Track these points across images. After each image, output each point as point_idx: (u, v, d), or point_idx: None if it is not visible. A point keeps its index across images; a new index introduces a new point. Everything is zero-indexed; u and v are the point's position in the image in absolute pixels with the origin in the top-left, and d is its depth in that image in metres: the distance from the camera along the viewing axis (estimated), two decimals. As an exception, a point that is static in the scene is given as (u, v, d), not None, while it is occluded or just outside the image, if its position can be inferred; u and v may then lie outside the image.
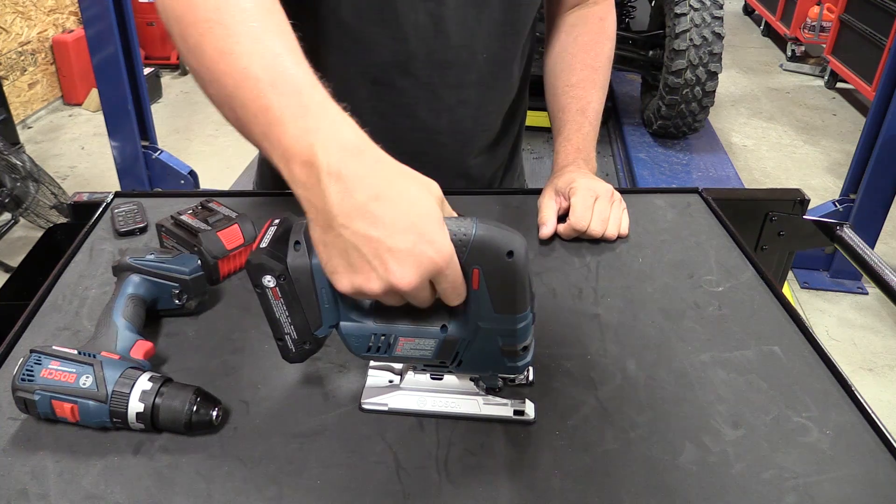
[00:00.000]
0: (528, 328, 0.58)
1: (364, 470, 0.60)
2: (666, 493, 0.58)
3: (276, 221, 0.60)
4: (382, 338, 0.60)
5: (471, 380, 0.66)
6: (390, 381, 0.67)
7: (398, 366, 0.68)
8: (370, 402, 0.66)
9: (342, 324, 0.60)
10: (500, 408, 0.65)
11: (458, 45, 0.91)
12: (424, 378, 0.67)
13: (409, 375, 0.67)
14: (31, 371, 0.61)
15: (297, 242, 0.57)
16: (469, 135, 1.00)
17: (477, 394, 0.66)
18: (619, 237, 0.93)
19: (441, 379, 0.67)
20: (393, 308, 0.59)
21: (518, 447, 0.63)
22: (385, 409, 0.65)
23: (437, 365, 0.62)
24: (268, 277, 0.57)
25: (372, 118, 0.98)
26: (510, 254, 0.53)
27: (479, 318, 0.57)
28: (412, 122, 0.97)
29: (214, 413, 0.62)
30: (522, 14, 0.94)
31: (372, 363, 0.69)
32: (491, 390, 0.66)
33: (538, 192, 1.05)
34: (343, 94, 0.98)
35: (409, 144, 0.99)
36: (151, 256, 0.75)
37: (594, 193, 0.91)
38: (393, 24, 0.89)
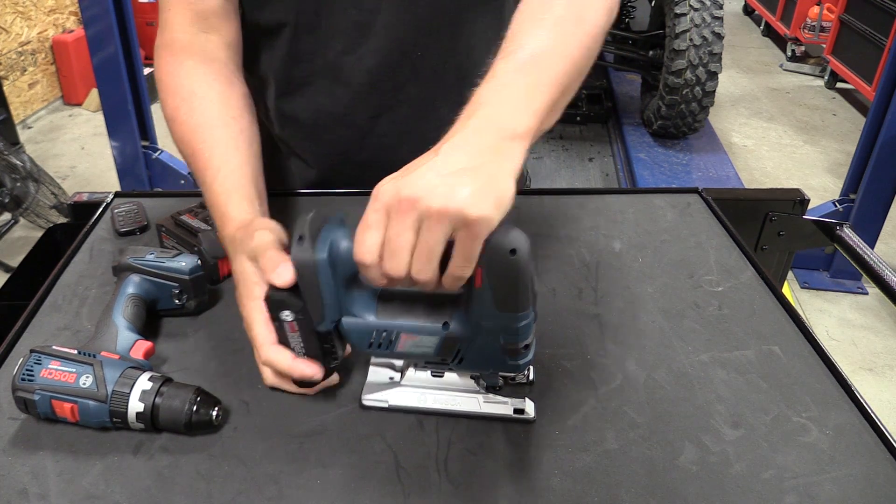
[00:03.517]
0: (530, 327, 0.58)
1: (364, 470, 0.60)
2: (666, 493, 0.58)
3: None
4: (384, 334, 0.60)
5: (471, 378, 0.66)
6: (391, 378, 0.67)
7: (399, 363, 0.68)
8: (370, 399, 0.66)
9: (344, 319, 0.60)
10: (501, 406, 0.65)
11: (386, 48, 0.91)
12: (425, 375, 0.67)
13: (410, 372, 0.67)
14: (31, 371, 0.61)
15: (300, 237, 0.57)
16: (419, 134, 0.97)
17: (477, 392, 0.66)
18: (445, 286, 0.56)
19: (442, 376, 0.66)
20: (395, 305, 0.60)
21: (518, 447, 0.63)
22: (385, 405, 0.65)
23: (438, 362, 0.62)
24: (286, 312, 0.60)
25: (315, 130, 0.99)
26: (513, 252, 0.53)
27: (481, 317, 0.57)
28: (353, 131, 0.97)
29: (214, 413, 0.62)
30: (454, 5, 0.91)
31: (373, 360, 0.69)
32: (491, 388, 0.66)
33: (539, 192, 1.05)
34: (286, 106, 0.98)
35: (356, 153, 1.00)
36: (151, 256, 0.75)
37: (390, 199, 0.53)
38: (316, 34, 0.90)
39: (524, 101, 0.60)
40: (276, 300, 0.61)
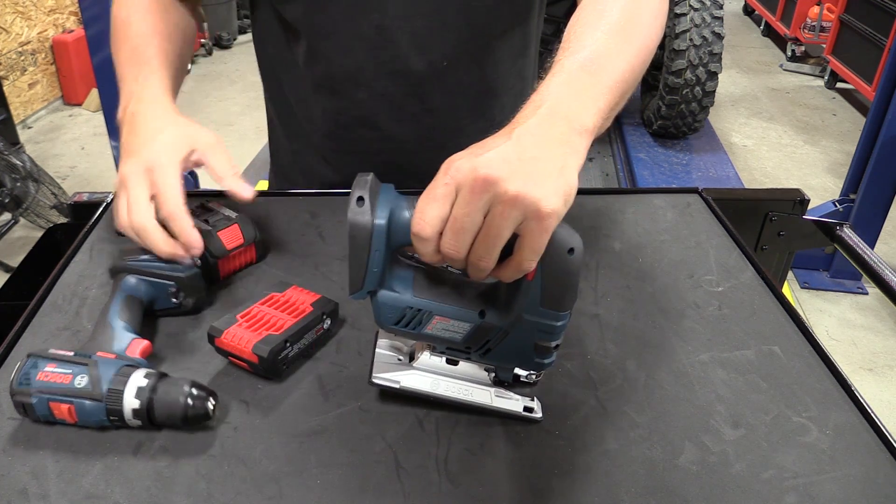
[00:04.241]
0: (565, 328, 0.58)
1: (364, 470, 0.60)
2: (666, 493, 0.58)
3: None
4: (418, 313, 0.59)
5: (485, 370, 0.65)
6: (399, 360, 0.66)
7: (406, 347, 0.66)
8: (382, 378, 0.64)
9: (381, 292, 0.58)
10: (511, 402, 0.64)
11: (411, 55, 0.91)
12: (439, 361, 0.65)
13: (424, 356, 0.65)
14: (28, 375, 0.61)
15: (359, 199, 0.54)
16: (440, 142, 0.98)
17: (489, 385, 0.65)
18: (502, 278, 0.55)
19: (456, 364, 0.65)
20: (432, 285, 0.59)
21: (518, 447, 0.63)
22: (397, 386, 0.63)
23: (460, 350, 0.62)
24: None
25: (336, 130, 0.99)
26: (571, 251, 0.53)
27: (523, 311, 0.57)
28: (375, 133, 0.98)
29: (210, 404, 0.62)
30: (483, 17, 0.91)
31: (380, 340, 0.67)
32: (499, 383, 0.65)
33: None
34: (308, 105, 1.01)
35: (375, 155, 1.00)
36: (147, 256, 0.75)
37: (465, 175, 0.51)
38: (337, 36, 0.90)
39: (591, 98, 0.59)
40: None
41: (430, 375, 0.64)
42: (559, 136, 0.55)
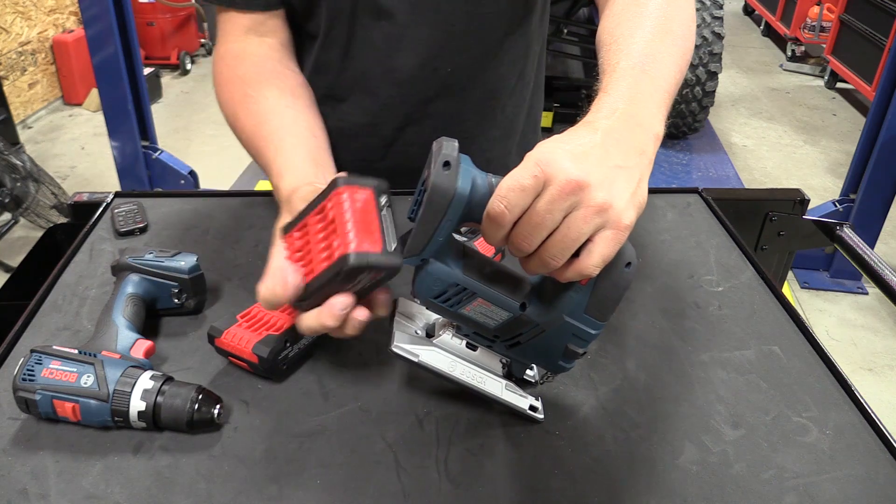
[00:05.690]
0: (596, 338, 0.59)
1: (364, 470, 0.60)
2: (666, 493, 0.58)
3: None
4: (463, 291, 0.58)
5: (500, 361, 0.65)
6: (416, 334, 0.65)
7: (425, 321, 0.66)
8: (401, 348, 0.62)
9: (432, 262, 0.56)
10: (519, 398, 0.64)
11: (417, 63, 0.91)
12: (459, 344, 0.64)
13: (446, 336, 0.64)
14: (32, 371, 0.61)
15: (447, 163, 0.51)
16: None
17: (500, 377, 0.65)
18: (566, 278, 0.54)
19: (475, 350, 0.65)
20: (479, 267, 0.58)
21: (518, 447, 0.63)
22: (415, 359, 0.62)
23: (488, 337, 0.62)
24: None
25: (339, 140, 0.99)
26: (628, 265, 0.54)
27: (566, 313, 0.57)
28: (377, 140, 0.98)
29: (216, 411, 0.62)
30: (487, 23, 0.91)
31: (399, 312, 0.66)
32: (508, 377, 0.65)
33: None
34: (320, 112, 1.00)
35: (379, 161, 1.00)
36: (150, 256, 0.75)
37: (556, 171, 0.49)
38: (347, 45, 0.91)
39: (655, 103, 0.59)
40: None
41: (448, 356, 0.64)
42: (638, 144, 0.55)
